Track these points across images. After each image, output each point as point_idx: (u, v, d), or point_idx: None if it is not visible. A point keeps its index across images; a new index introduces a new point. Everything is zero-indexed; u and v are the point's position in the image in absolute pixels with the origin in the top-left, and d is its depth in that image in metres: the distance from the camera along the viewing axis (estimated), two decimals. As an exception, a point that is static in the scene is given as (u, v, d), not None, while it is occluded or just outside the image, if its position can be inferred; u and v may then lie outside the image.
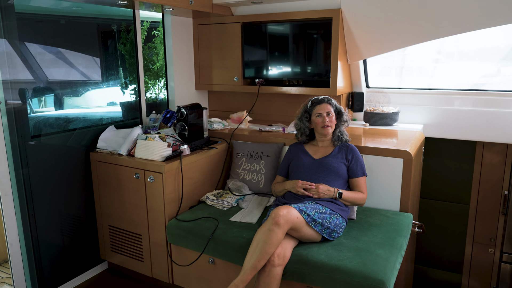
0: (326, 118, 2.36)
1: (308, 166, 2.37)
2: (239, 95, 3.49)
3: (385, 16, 2.70)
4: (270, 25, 3.06)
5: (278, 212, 1.96)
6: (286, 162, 2.52)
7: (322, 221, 2.06)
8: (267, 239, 1.91)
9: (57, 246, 2.62)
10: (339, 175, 2.31)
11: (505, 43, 2.95)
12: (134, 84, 3.09)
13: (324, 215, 2.09)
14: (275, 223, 1.92)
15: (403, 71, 3.34)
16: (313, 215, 2.05)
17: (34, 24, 2.53)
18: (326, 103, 2.39)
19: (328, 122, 2.35)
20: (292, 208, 2.02)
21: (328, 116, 2.36)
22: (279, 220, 1.93)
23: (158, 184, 2.43)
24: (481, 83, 3.05)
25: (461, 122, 2.95)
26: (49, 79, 2.67)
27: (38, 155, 2.45)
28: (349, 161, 2.35)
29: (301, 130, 2.49)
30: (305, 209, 2.06)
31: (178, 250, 2.47)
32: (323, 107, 2.38)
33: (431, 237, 3.36)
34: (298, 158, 2.44)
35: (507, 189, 2.99)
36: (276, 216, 1.94)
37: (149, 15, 3.20)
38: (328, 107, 2.38)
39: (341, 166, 2.33)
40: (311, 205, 2.12)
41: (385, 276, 1.82)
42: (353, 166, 2.34)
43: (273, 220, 1.93)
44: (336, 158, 2.36)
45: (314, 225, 2.04)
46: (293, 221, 1.97)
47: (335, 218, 2.13)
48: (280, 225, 1.92)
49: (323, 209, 2.13)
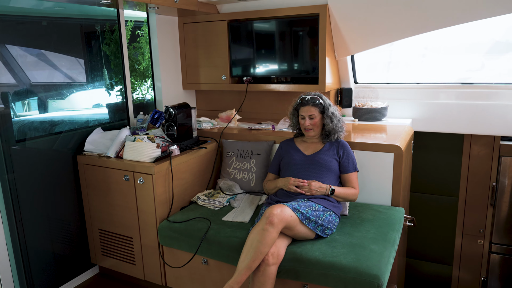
0: (308, 121, 2.33)
1: (299, 162, 2.36)
2: (227, 94, 3.47)
3: (372, 11, 2.71)
4: (257, 23, 3.04)
5: (271, 211, 1.94)
6: (277, 159, 2.51)
7: (315, 218, 2.05)
8: (261, 238, 1.90)
9: (47, 252, 2.57)
10: (331, 170, 2.31)
11: (489, 37, 2.99)
12: (120, 85, 3.05)
13: (318, 213, 2.09)
14: (269, 222, 1.91)
15: (390, 66, 3.36)
16: (307, 213, 2.04)
17: (15, 26, 2.46)
18: (310, 105, 2.33)
19: (310, 125, 2.33)
20: (285, 206, 2.01)
21: (311, 119, 2.33)
22: (273, 219, 1.91)
23: (148, 185, 2.39)
24: (467, 77, 3.08)
25: (448, 115, 2.98)
26: (32, 82, 2.61)
27: (24, 160, 2.39)
28: (340, 157, 2.34)
29: (293, 124, 2.49)
30: (299, 207, 2.04)
31: (171, 251, 2.44)
32: (306, 109, 2.33)
33: (421, 231, 3.39)
34: (289, 155, 2.43)
35: (495, 181, 3.03)
36: (270, 216, 1.92)
37: (133, 15, 3.15)
38: (311, 110, 2.32)
39: (333, 161, 2.32)
40: (304, 202, 2.11)
41: (379, 271, 1.83)
42: (344, 162, 2.33)
43: (267, 220, 1.92)
44: (327, 153, 2.34)
45: (308, 223, 2.03)
46: (287, 220, 1.95)
47: (328, 215, 2.13)
48: (274, 224, 1.91)
49: (316, 207, 2.12)
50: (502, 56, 2.99)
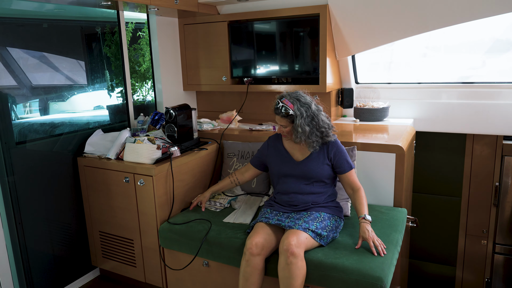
0: (281, 128, 2.19)
1: (290, 174, 2.21)
2: (228, 95, 3.46)
3: (372, 10, 2.69)
4: (257, 23, 3.03)
5: (289, 242, 1.88)
6: (262, 155, 2.37)
7: (327, 233, 2.02)
8: (290, 274, 1.85)
9: (47, 255, 2.56)
10: (323, 179, 2.17)
11: (489, 35, 2.97)
12: (120, 87, 3.04)
13: (325, 223, 2.05)
14: (291, 254, 1.85)
15: (391, 66, 3.34)
16: (317, 230, 1.99)
17: (16, 28, 2.46)
18: (278, 115, 2.13)
19: (283, 132, 2.19)
20: (297, 231, 1.94)
21: (284, 128, 2.17)
22: (293, 250, 1.85)
23: (148, 187, 2.38)
24: (468, 76, 3.06)
25: (450, 115, 2.96)
26: (33, 84, 2.61)
27: (24, 162, 2.39)
28: (332, 159, 2.17)
29: None
30: (307, 225, 1.99)
31: (171, 253, 2.43)
32: (278, 118, 2.16)
33: (424, 231, 3.37)
34: (277, 159, 2.27)
35: (498, 181, 3.01)
36: (289, 247, 1.86)
37: (133, 16, 3.15)
38: (281, 121, 2.14)
39: (324, 168, 2.17)
40: (309, 217, 2.06)
41: (382, 273, 1.81)
42: (337, 163, 2.16)
43: (288, 253, 1.86)
44: (318, 160, 2.17)
45: (320, 240, 2.00)
46: (305, 244, 1.92)
47: (334, 221, 2.10)
48: (296, 254, 1.86)
49: (321, 216, 2.08)
50: (503, 54, 2.98)
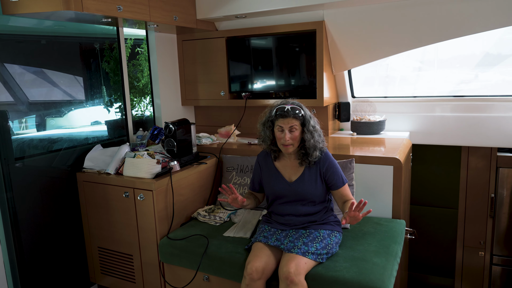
0: (288, 135, 2.00)
1: (284, 195, 2.13)
2: (226, 109, 3.49)
3: (367, 27, 2.76)
4: (254, 39, 3.08)
5: (288, 271, 1.85)
6: (257, 176, 2.27)
7: (326, 251, 2.00)
8: None
9: (45, 271, 2.53)
10: (318, 198, 2.11)
11: (480, 49, 3.05)
12: (119, 102, 3.06)
13: (325, 241, 2.02)
14: (290, 282, 1.83)
15: (387, 80, 3.40)
16: (317, 251, 1.97)
17: (14, 45, 2.48)
18: (291, 117, 2.00)
19: (289, 139, 2.00)
20: (296, 256, 1.92)
21: (291, 132, 2.01)
22: (293, 278, 1.84)
23: (148, 202, 2.38)
24: (460, 89, 3.13)
25: (445, 128, 3.01)
26: (30, 100, 2.62)
27: (22, 178, 2.38)
28: (324, 174, 2.09)
29: (263, 137, 2.15)
30: (307, 247, 1.96)
31: (171, 269, 2.42)
32: (286, 121, 2.00)
33: (422, 243, 3.38)
34: (269, 180, 2.18)
35: (493, 192, 3.04)
36: (288, 276, 1.84)
37: (132, 32, 3.19)
38: (292, 122, 2.00)
39: (318, 186, 2.09)
40: (308, 237, 2.02)
41: (383, 284, 1.82)
42: (330, 178, 2.08)
43: (287, 281, 1.84)
44: (310, 179, 2.09)
45: (321, 259, 1.98)
46: (305, 269, 1.90)
47: (334, 237, 2.07)
48: (296, 282, 1.84)
49: (320, 234, 2.05)
50: (493, 67, 3.05)
